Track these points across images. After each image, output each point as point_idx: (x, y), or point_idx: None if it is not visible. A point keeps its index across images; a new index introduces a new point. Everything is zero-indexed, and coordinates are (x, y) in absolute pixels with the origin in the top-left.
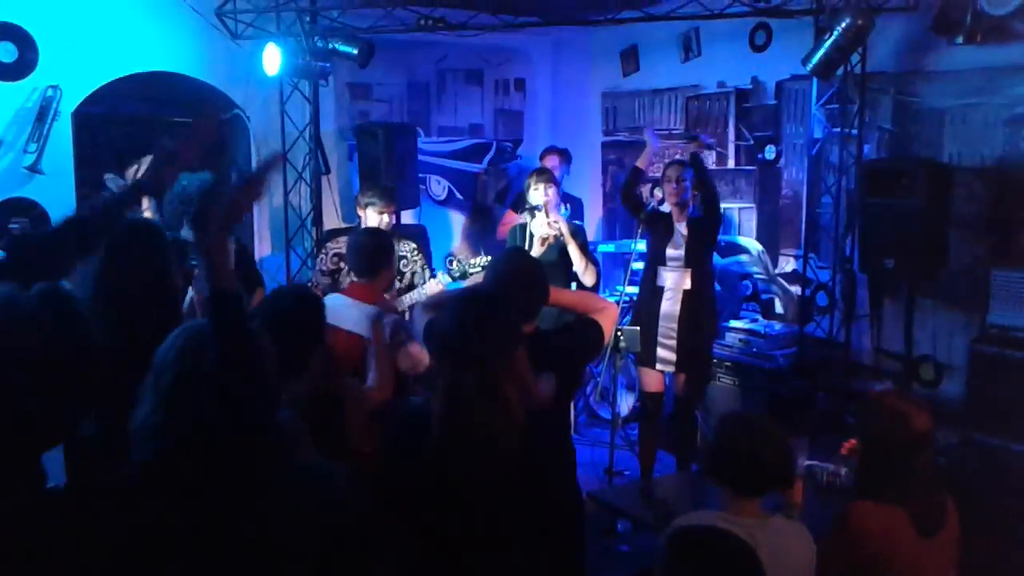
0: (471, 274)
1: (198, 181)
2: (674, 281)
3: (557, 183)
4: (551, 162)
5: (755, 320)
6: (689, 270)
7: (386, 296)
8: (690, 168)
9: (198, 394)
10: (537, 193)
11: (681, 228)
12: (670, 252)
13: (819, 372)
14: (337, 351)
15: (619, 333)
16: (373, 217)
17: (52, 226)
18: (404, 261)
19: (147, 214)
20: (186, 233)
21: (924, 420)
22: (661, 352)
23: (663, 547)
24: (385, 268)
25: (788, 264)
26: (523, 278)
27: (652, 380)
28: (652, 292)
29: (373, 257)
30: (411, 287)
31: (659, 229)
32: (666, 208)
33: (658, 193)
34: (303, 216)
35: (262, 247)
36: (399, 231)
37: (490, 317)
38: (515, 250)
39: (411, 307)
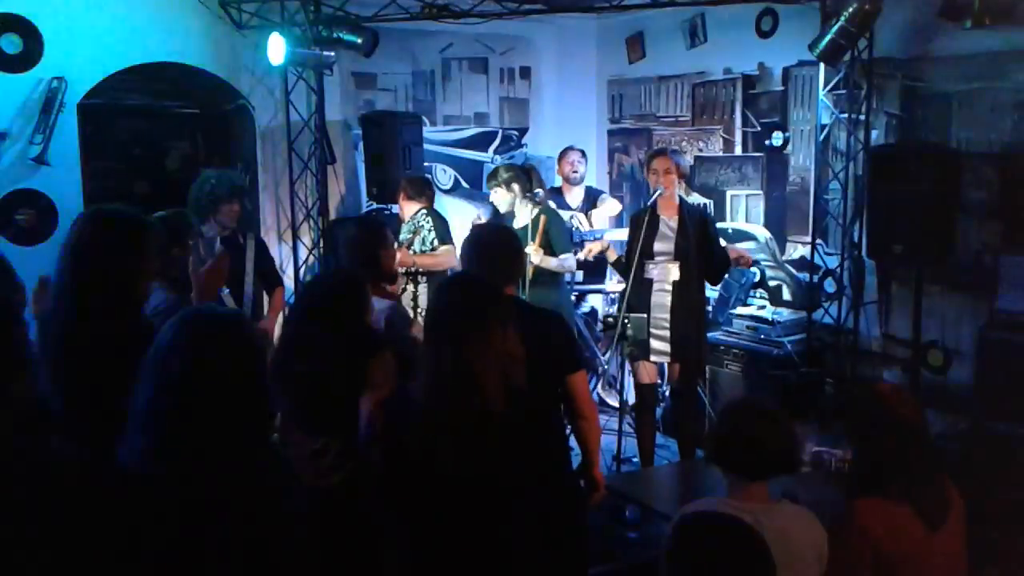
0: None
1: (227, 179)
2: (662, 274)
3: (505, 183)
4: (574, 158)
5: (763, 307)
6: (677, 263)
7: (387, 288)
8: (678, 157)
9: (207, 386)
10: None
11: (670, 222)
12: (658, 246)
13: (827, 359)
14: None
15: (626, 320)
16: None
17: None
18: (415, 226)
19: None
20: (208, 230)
21: (910, 409)
22: (655, 343)
23: (670, 534)
24: (379, 258)
25: (796, 251)
26: (498, 244)
27: (646, 371)
28: (641, 285)
29: (366, 249)
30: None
31: (647, 224)
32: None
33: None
34: (309, 206)
35: (268, 237)
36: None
37: (472, 300)
38: (494, 223)
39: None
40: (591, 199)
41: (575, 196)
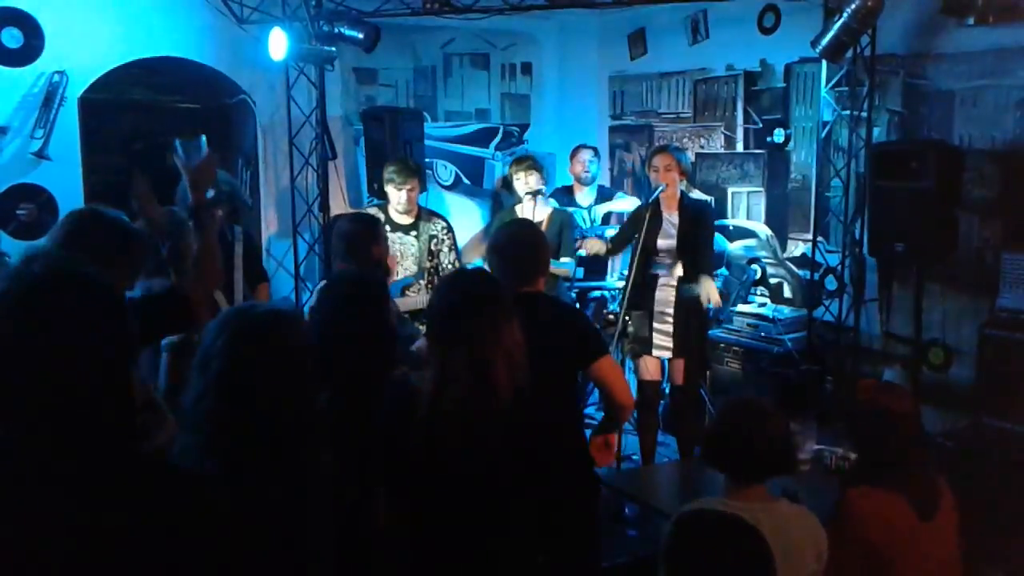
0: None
1: (223, 178)
2: (666, 270)
3: (539, 169)
4: (585, 157)
5: (763, 304)
6: (680, 260)
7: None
8: (680, 154)
9: (246, 382)
10: (520, 183)
11: (672, 218)
12: (661, 243)
13: (828, 356)
14: None
15: (627, 317)
16: (394, 194)
17: None
18: (435, 240)
19: None
20: None
21: (905, 403)
22: (658, 339)
23: (669, 531)
24: (369, 253)
25: (797, 248)
26: (521, 242)
27: (650, 367)
28: (645, 281)
29: (356, 241)
30: (436, 269)
31: (648, 221)
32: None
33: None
34: (309, 201)
35: (268, 232)
36: (428, 210)
37: (479, 295)
38: (518, 219)
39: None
40: (604, 199)
41: (586, 196)
